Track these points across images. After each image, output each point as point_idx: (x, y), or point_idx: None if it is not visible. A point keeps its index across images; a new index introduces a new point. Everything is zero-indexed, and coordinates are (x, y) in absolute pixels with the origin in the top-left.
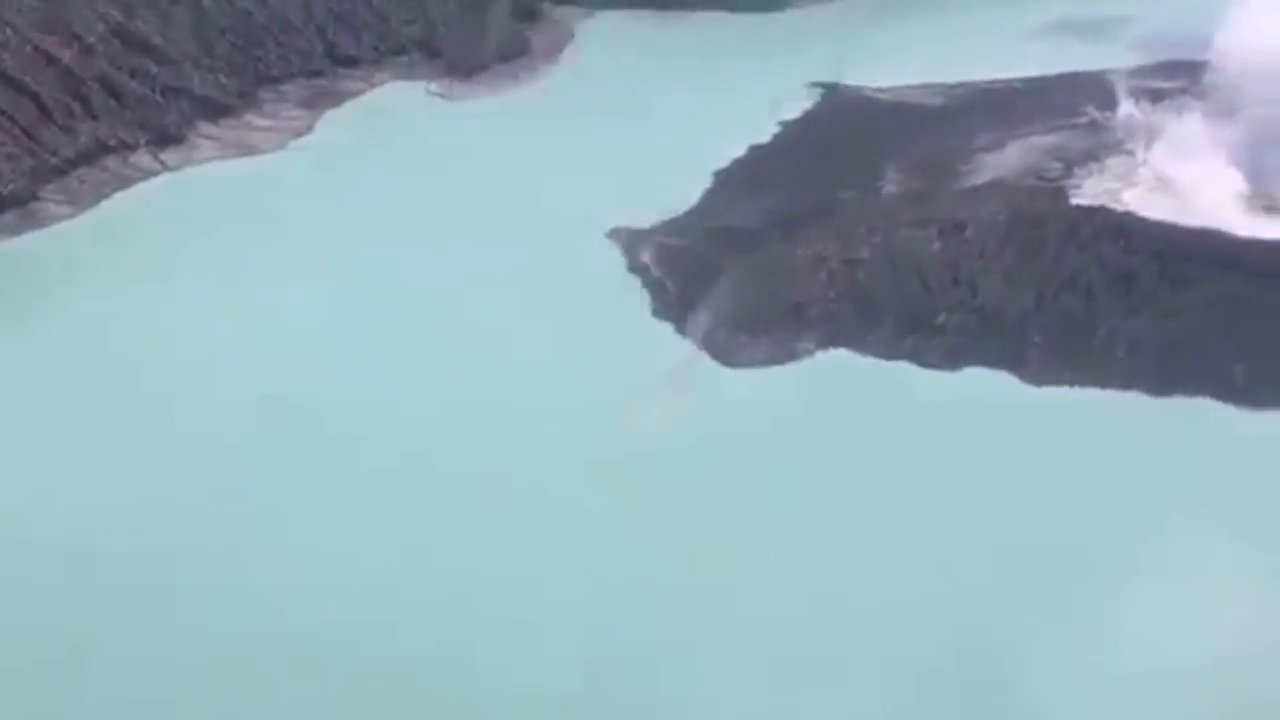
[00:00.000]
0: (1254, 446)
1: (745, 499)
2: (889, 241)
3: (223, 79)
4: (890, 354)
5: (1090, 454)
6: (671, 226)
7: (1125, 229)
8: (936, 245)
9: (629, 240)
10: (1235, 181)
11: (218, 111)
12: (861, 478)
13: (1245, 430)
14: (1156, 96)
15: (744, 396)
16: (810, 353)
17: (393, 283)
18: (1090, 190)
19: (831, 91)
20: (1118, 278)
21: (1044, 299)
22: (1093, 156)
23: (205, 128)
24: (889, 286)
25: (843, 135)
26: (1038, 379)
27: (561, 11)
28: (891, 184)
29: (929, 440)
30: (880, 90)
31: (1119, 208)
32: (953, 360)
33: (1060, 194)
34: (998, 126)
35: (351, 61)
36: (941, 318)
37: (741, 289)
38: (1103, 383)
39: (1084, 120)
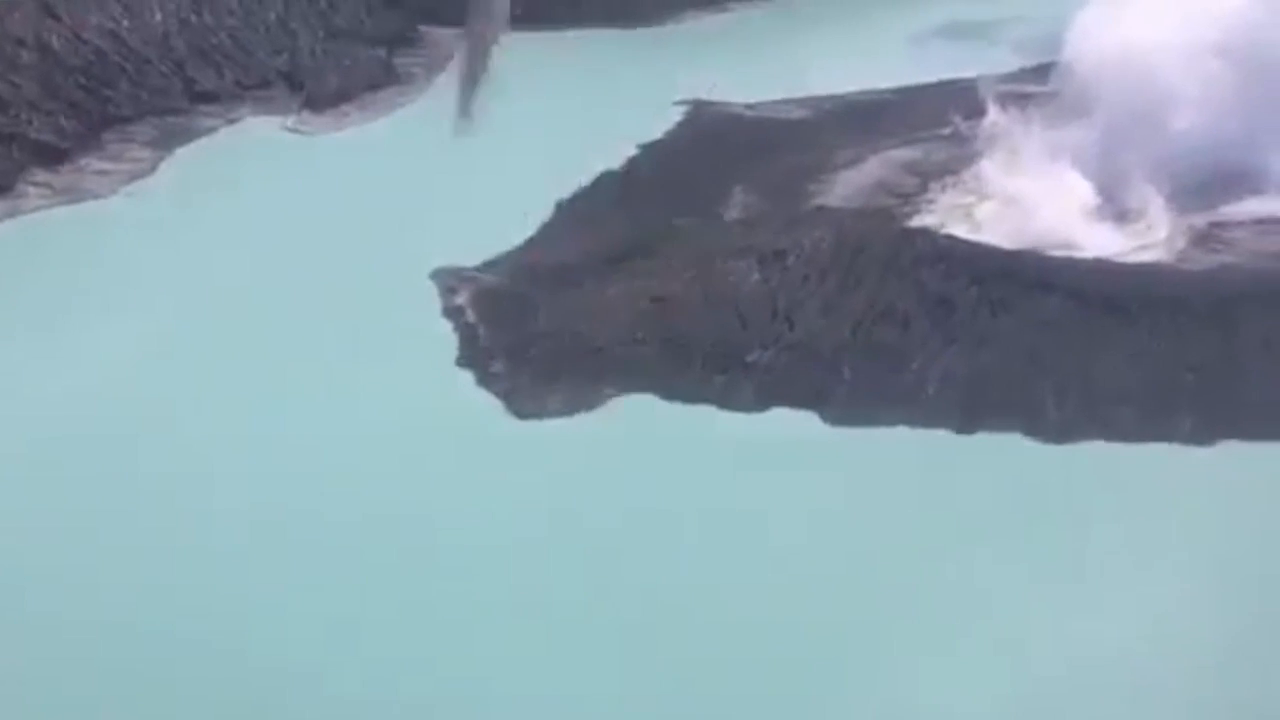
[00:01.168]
0: (1056, 482)
1: (523, 556)
2: (706, 275)
3: (64, 122)
4: (695, 397)
5: (883, 496)
6: (498, 264)
7: (946, 253)
8: (756, 276)
9: (450, 282)
10: (1085, 192)
11: (53, 157)
12: (645, 529)
13: (1050, 465)
14: (1026, 102)
15: (534, 448)
16: (610, 399)
17: (202, 330)
18: (943, 205)
19: (698, 110)
20: (936, 305)
21: (860, 330)
22: (950, 170)
23: (38, 175)
24: (702, 323)
25: (698, 157)
26: (843, 418)
27: (441, 34)
28: (735, 209)
29: (718, 487)
30: (748, 107)
31: (942, 229)
32: (760, 401)
33: (885, 217)
34: (861, 140)
35: (210, 97)
36: (753, 355)
37: (547, 333)
38: (909, 420)
39: (948, 131)
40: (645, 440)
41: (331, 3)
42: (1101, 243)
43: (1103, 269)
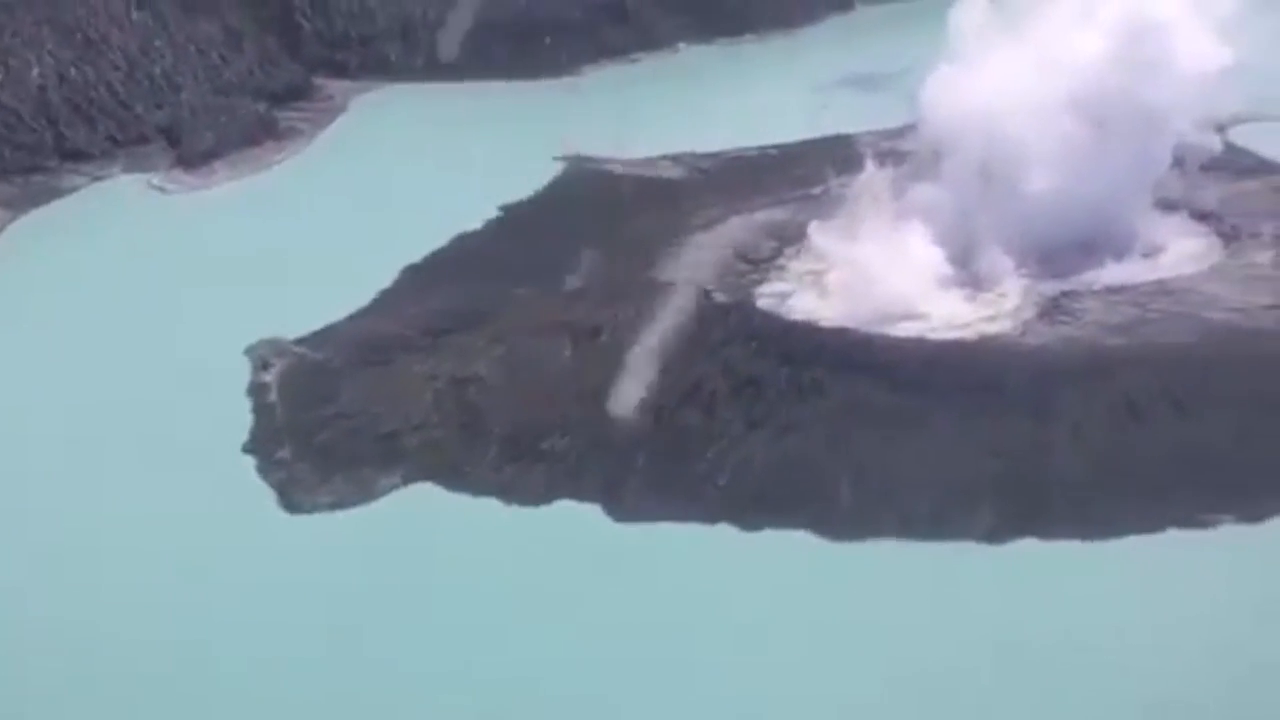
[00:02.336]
0: (831, 586)
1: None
2: (515, 353)
3: None
4: (482, 488)
5: (651, 599)
6: (321, 337)
7: (759, 331)
8: (568, 354)
9: (265, 355)
10: (938, 257)
11: None
12: (399, 637)
13: (832, 565)
14: (903, 160)
15: (300, 545)
16: (392, 490)
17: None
18: (794, 272)
19: (574, 167)
20: (744, 386)
21: (663, 414)
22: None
23: None
24: (503, 406)
25: (559, 218)
26: (627, 514)
27: (336, 86)
28: (577, 277)
29: (479, 591)
30: (625, 164)
31: (788, 298)
32: (548, 492)
33: (701, 292)
34: (730, 200)
35: (81, 155)
36: (549, 442)
37: (343, 415)
38: (695, 514)
39: (819, 191)
40: (414, 537)
41: (223, 55)
42: (948, 312)
43: (917, 348)
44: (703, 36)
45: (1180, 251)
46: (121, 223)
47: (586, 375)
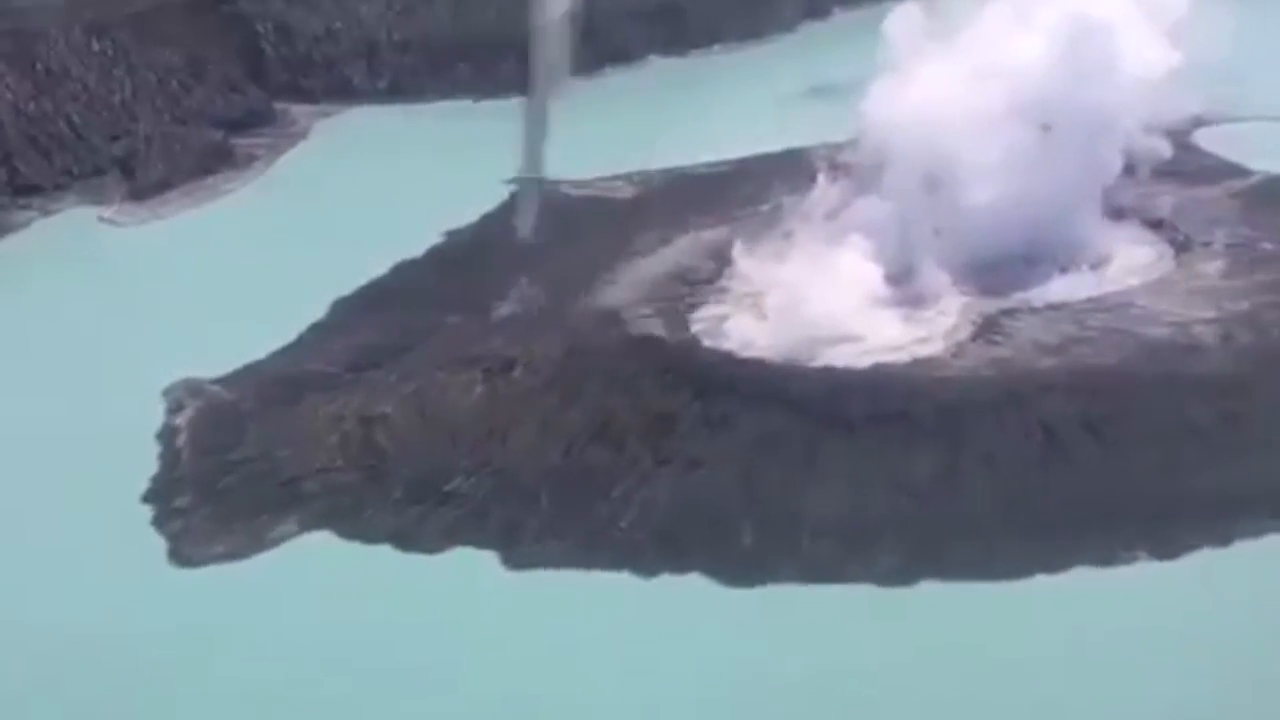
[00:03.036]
0: (723, 634)
1: None
2: (427, 390)
3: None
4: (378, 536)
5: (541, 647)
6: (242, 376)
7: (672, 364)
8: (479, 390)
9: (181, 397)
10: (876, 276)
11: None
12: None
13: (726, 611)
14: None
15: (182, 600)
16: (287, 539)
17: None
18: (735, 294)
19: (526, 189)
20: (655, 422)
21: (571, 452)
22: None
23: None
24: (410, 447)
25: (502, 243)
26: (524, 561)
27: (299, 112)
28: (509, 305)
29: (356, 646)
30: (577, 185)
31: (726, 321)
32: (447, 539)
33: (616, 322)
34: (678, 219)
35: (33, 189)
36: (454, 484)
37: (247, 459)
38: (593, 559)
39: (768, 207)
40: (300, 590)
41: (183, 84)
42: (883, 334)
43: (829, 379)
44: (674, 49)
45: (1128, 262)
46: (61, 258)
47: (496, 413)
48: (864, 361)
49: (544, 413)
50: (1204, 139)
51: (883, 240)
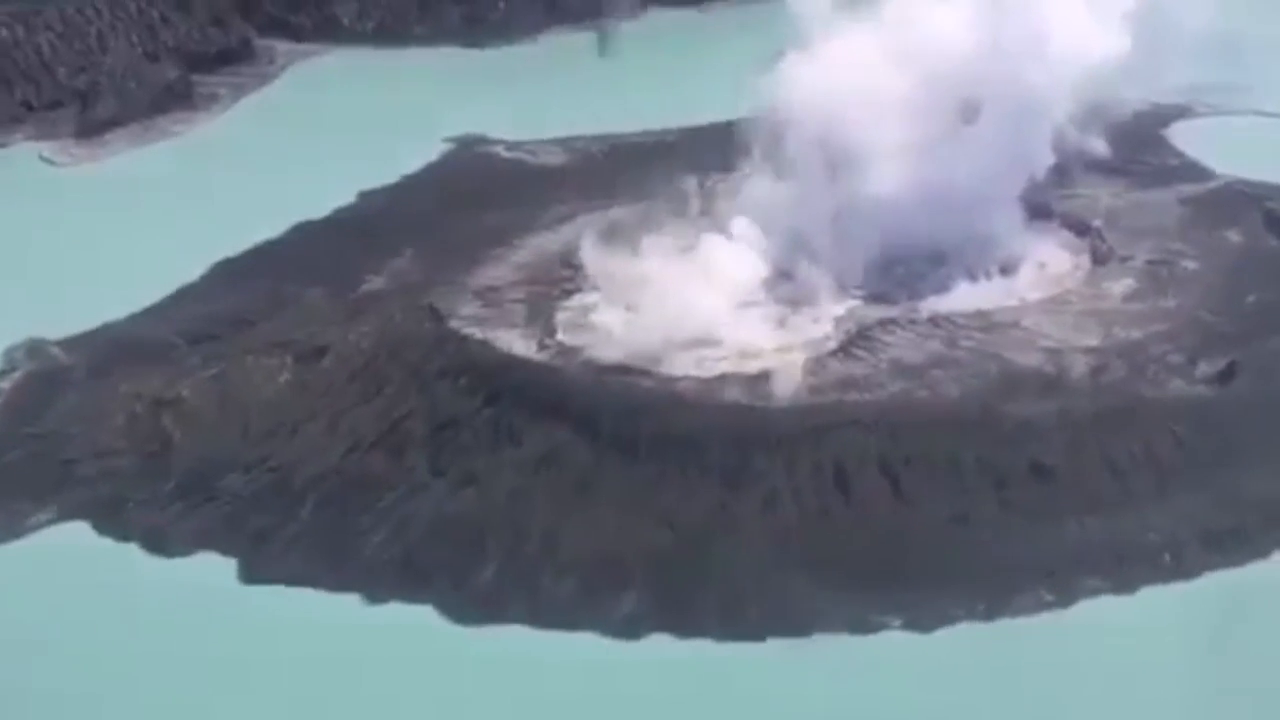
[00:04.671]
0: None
1: None
2: (229, 372)
3: None
4: (131, 533)
5: (241, 671)
6: (87, 339)
7: (472, 364)
8: (285, 378)
9: (15, 359)
10: (756, 274)
11: None
12: None
13: (438, 656)
14: None
15: None
16: (42, 527)
17: None
18: (613, 282)
19: (459, 149)
20: (440, 428)
21: (351, 455)
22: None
23: None
24: (195, 434)
25: (404, 209)
26: (260, 573)
27: (281, 49)
28: (381, 279)
29: (74, 651)
30: (509, 147)
31: (590, 315)
32: (195, 542)
33: (432, 314)
34: (590, 194)
35: None
36: (228, 479)
37: (37, 435)
38: (330, 579)
39: (691, 185)
40: (28, 589)
41: (164, 16)
42: (744, 340)
43: (623, 396)
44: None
45: (1037, 272)
46: None
47: (294, 405)
48: (713, 370)
49: (339, 408)
50: (1182, 133)
51: (774, 230)
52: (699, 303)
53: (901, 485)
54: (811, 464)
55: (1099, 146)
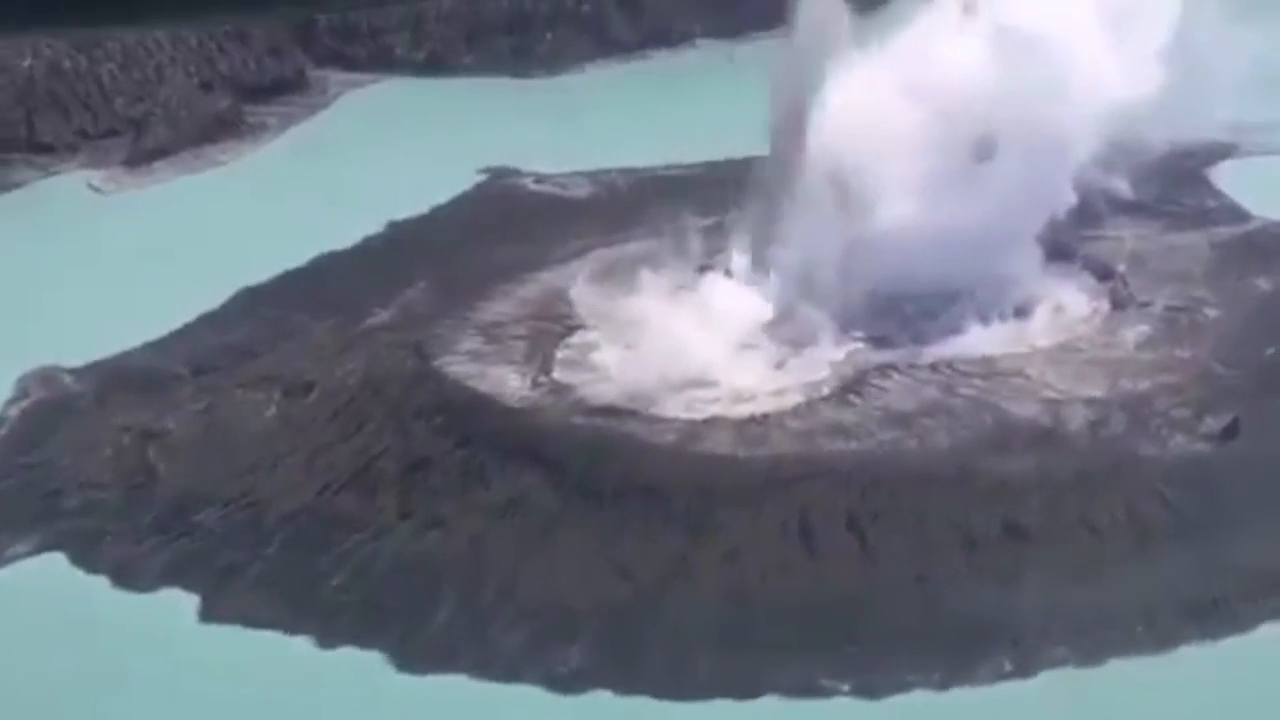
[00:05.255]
0: None
1: None
2: (217, 406)
3: None
4: (103, 566)
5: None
6: (99, 367)
7: (448, 405)
8: (271, 413)
9: (31, 385)
10: (758, 315)
11: None
12: None
13: (394, 703)
14: None
15: None
16: (18, 559)
17: None
18: (610, 326)
19: (490, 181)
20: (412, 469)
21: (325, 494)
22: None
23: None
24: (181, 468)
25: (430, 240)
26: (221, 612)
27: (334, 79)
28: (390, 311)
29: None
30: (537, 180)
31: (591, 354)
32: (165, 577)
33: (416, 352)
34: (611, 228)
35: (45, 148)
36: (205, 514)
37: (30, 465)
38: (288, 621)
39: (710, 222)
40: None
41: (221, 46)
42: (741, 382)
43: (593, 440)
44: (724, 31)
45: (1052, 316)
46: (22, 223)
47: (277, 441)
48: (703, 412)
49: (319, 445)
50: (1227, 174)
51: (779, 269)
52: (695, 343)
53: (869, 542)
54: (778, 517)
55: (1126, 187)
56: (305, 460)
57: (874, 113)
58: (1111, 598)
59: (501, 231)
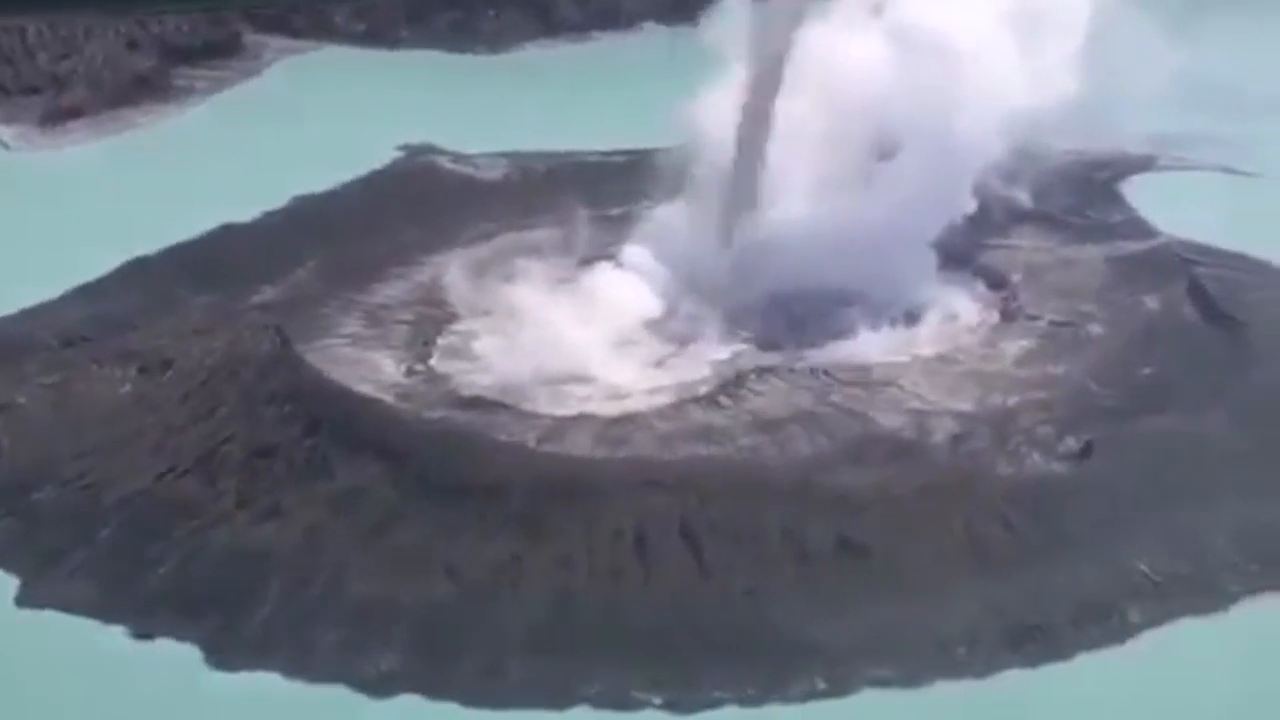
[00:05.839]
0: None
1: None
2: (70, 381)
3: None
4: None
5: None
6: None
7: (299, 391)
8: (126, 390)
9: None
10: (643, 311)
11: None
12: None
13: (202, 699)
14: None
15: None
16: None
17: None
18: (496, 314)
19: (406, 159)
20: (255, 455)
21: (166, 478)
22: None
23: None
24: (27, 444)
25: (330, 216)
26: (38, 598)
27: (271, 44)
28: (277, 289)
29: None
30: (455, 159)
31: (469, 344)
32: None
33: (274, 335)
34: (520, 214)
35: None
36: (42, 493)
37: None
38: (106, 610)
39: (617, 212)
40: None
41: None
42: (617, 379)
43: (440, 436)
44: (674, 16)
45: (940, 326)
46: None
47: (128, 418)
48: (574, 408)
49: (169, 426)
50: (1140, 187)
51: (669, 264)
52: (575, 337)
53: (702, 553)
54: (615, 523)
55: (1027, 196)
56: (153, 442)
57: (775, 110)
58: (939, 618)
59: (407, 212)
